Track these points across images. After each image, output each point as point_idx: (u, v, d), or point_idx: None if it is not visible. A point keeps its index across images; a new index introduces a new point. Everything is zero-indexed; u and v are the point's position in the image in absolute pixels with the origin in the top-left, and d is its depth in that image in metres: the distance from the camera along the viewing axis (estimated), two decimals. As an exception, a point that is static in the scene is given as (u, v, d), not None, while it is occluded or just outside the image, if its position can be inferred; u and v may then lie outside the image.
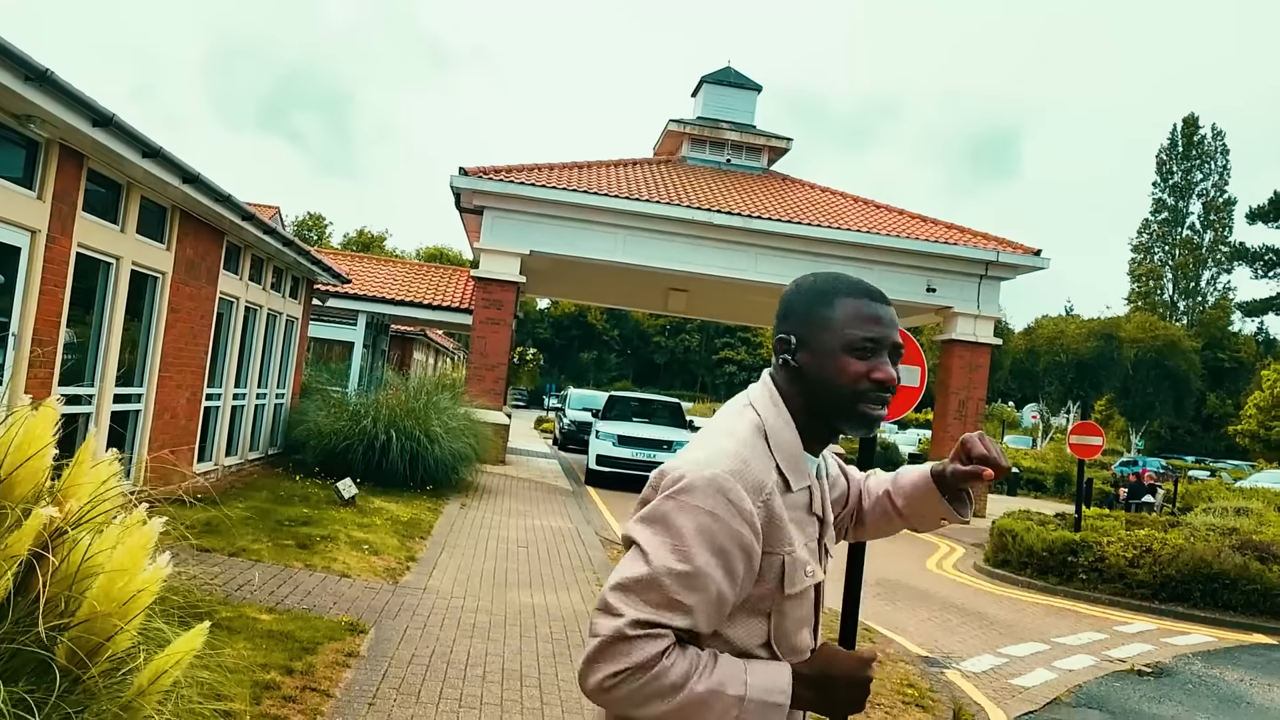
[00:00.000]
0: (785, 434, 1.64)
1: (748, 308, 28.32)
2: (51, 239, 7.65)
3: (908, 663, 7.43)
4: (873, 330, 1.62)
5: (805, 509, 1.64)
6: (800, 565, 1.59)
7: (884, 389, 1.62)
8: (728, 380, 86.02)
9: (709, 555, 1.48)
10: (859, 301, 1.65)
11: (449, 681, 5.60)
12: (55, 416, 2.17)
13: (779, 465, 1.60)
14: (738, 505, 1.51)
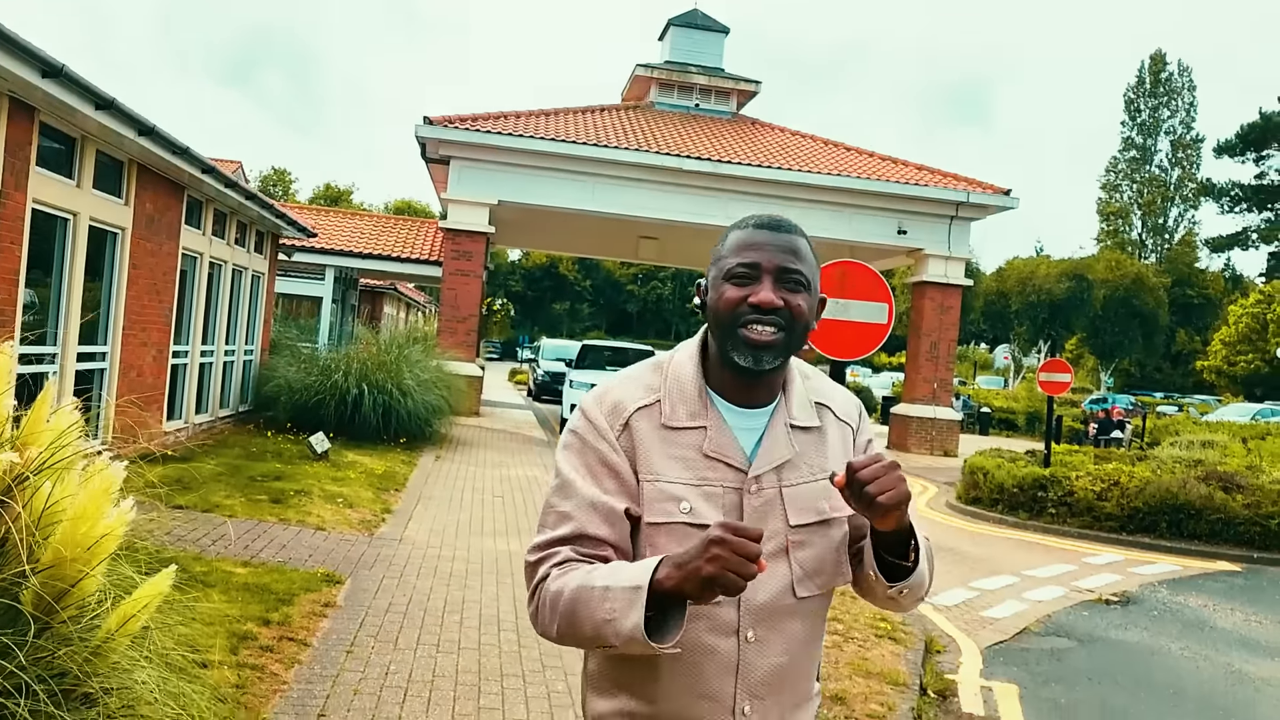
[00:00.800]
0: (683, 369, 1.68)
1: (719, 254, 28.28)
2: (4, 194, 7.47)
3: (881, 598, 7.55)
4: (748, 256, 1.62)
5: (695, 448, 1.62)
6: (667, 496, 1.59)
7: (761, 312, 1.59)
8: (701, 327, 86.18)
9: (574, 466, 1.63)
10: (743, 232, 1.66)
11: (426, 628, 5.64)
12: (7, 364, 2.13)
13: (662, 398, 1.64)
14: (595, 424, 1.63)
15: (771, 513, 1.62)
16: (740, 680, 1.60)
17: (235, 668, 4.58)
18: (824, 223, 20.16)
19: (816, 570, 1.66)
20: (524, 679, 4.96)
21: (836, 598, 7.22)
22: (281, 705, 4.29)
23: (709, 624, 1.58)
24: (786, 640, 1.63)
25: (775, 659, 1.62)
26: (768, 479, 1.64)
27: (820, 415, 1.72)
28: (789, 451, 1.66)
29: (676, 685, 1.60)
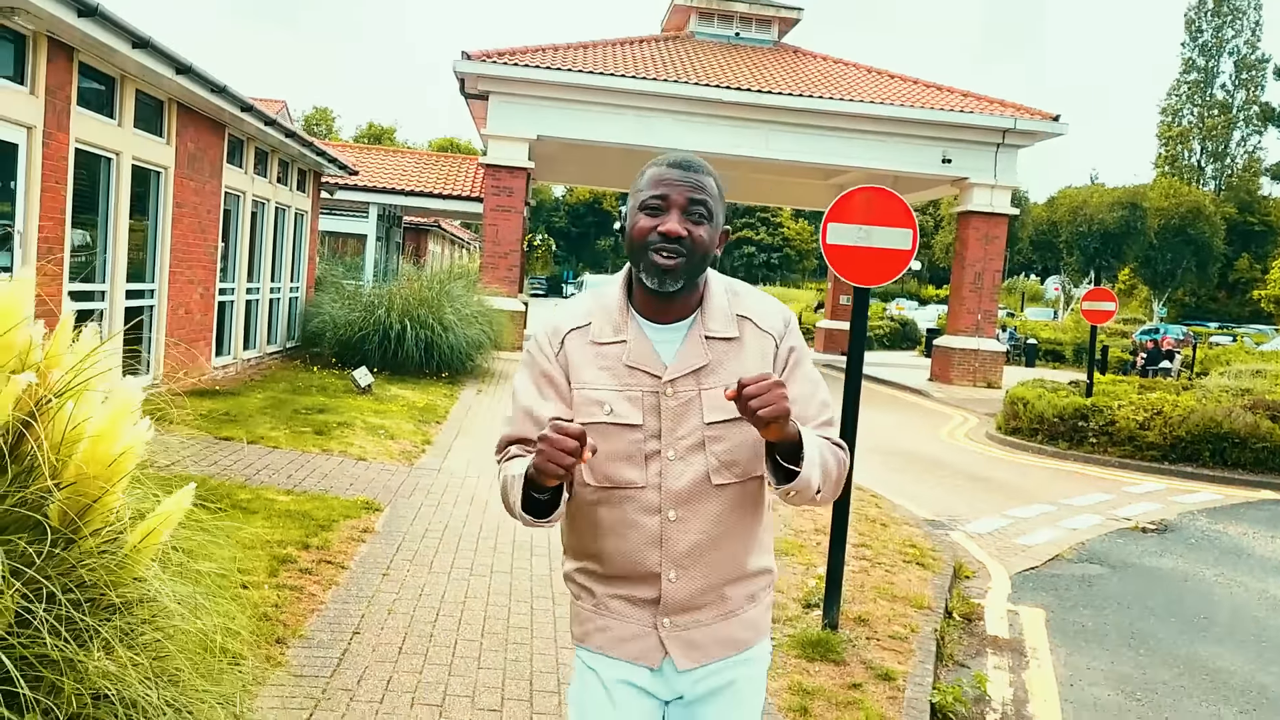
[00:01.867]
0: (610, 294, 1.95)
1: (762, 186, 27.98)
2: (48, 135, 7.63)
3: (912, 525, 7.60)
4: (660, 190, 1.84)
5: (618, 359, 1.88)
6: (593, 400, 1.87)
7: (668, 240, 1.81)
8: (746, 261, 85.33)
9: (522, 378, 1.97)
10: (657, 169, 1.87)
11: (461, 552, 5.80)
12: (30, 289, 2.22)
13: (592, 321, 1.92)
14: (540, 345, 1.95)
15: (690, 411, 1.86)
16: (664, 552, 1.87)
17: (275, 588, 4.77)
18: (867, 152, 19.84)
19: (732, 462, 1.87)
20: (553, 600, 5.11)
21: (866, 525, 7.29)
22: (318, 623, 4.47)
23: (636, 505, 1.86)
24: (705, 520, 1.87)
25: (695, 536, 1.87)
26: (684, 382, 1.86)
27: (740, 327, 1.92)
28: (703, 359, 1.88)
29: (615, 552, 1.90)
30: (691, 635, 1.92)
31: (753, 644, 1.99)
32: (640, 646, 1.92)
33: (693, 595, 1.90)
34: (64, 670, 2.01)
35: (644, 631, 1.92)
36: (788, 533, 6.90)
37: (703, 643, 1.93)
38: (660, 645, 1.92)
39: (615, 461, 1.86)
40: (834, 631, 4.84)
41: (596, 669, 1.95)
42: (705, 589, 1.91)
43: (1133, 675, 5.01)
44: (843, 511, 4.88)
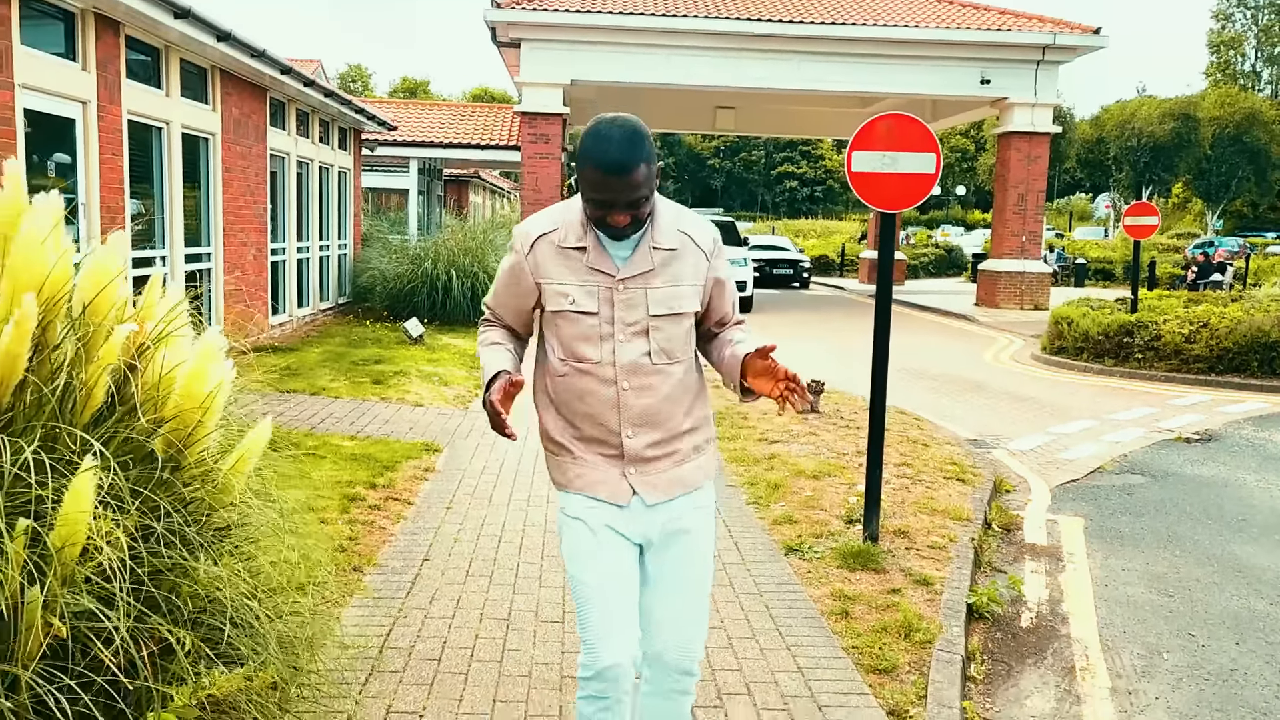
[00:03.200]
0: (572, 211, 2.37)
1: (799, 119, 27.74)
2: (102, 108, 7.95)
3: (953, 445, 7.78)
4: (604, 194, 2.20)
5: (581, 262, 2.33)
6: (558, 293, 2.35)
7: (613, 227, 2.26)
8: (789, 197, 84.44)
9: (502, 269, 2.48)
10: (594, 171, 2.19)
11: (518, 486, 6.12)
12: (125, 249, 2.50)
13: (559, 228, 2.36)
14: (517, 245, 2.41)
15: (638, 304, 2.34)
16: (621, 414, 2.37)
17: (348, 523, 5.12)
18: (902, 78, 19.59)
19: (668, 348, 2.38)
20: (606, 525, 5.40)
21: (908, 445, 7.48)
22: (389, 553, 4.81)
23: (595, 378, 2.36)
24: (651, 391, 2.38)
25: (644, 401, 2.37)
26: (635, 282, 2.34)
27: (680, 241, 2.39)
28: (650, 265, 2.34)
29: (584, 416, 2.40)
30: (651, 479, 2.41)
31: (701, 484, 2.48)
32: (612, 488, 2.40)
33: (646, 447, 2.39)
34: (180, 576, 2.31)
35: (614, 477, 2.40)
36: (829, 455, 7.13)
37: (660, 484, 2.41)
38: (629, 487, 2.39)
39: (577, 341, 2.35)
40: (874, 543, 5.08)
41: (582, 517, 2.41)
42: (656, 443, 2.40)
43: (1167, 574, 5.19)
44: (879, 429, 5.08)
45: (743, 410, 8.76)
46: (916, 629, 4.09)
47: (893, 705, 3.47)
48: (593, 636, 2.37)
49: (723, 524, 5.53)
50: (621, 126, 2.22)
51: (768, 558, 4.98)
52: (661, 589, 2.46)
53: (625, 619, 2.38)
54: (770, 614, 4.25)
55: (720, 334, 2.54)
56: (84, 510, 1.97)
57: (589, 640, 2.38)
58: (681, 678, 2.50)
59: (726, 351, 2.46)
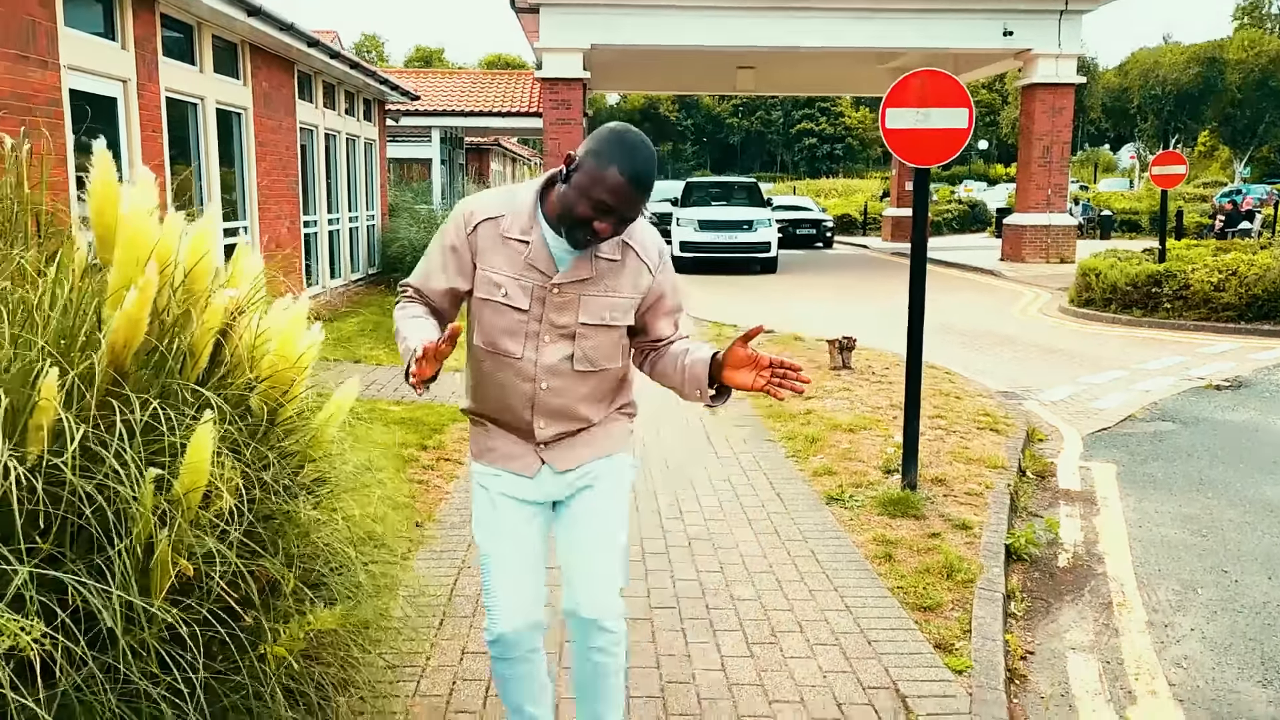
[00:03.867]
0: (525, 199, 2.29)
1: (819, 77, 27.59)
2: (141, 85, 8.12)
3: (985, 397, 7.90)
4: (613, 200, 2.12)
5: (521, 255, 2.27)
6: (491, 282, 2.28)
7: (595, 235, 2.18)
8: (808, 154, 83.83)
9: (437, 245, 2.37)
10: (619, 180, 2.11)
11: (562, 444, 6.31)
12: (217, 223, 2.67)
13: (505, 215, 2.28)
14: (456, 223, 2.32)
15: (569, 309, 2.29)
16: (535, 409, 2.36)
17: (405, 483, 5.33)
18: (923, 32, 19.45)
19: (593, 358, 2.35)
20: (651, 477, 5.59)
21: (941, 398, 7.61)
22: (446, 509, 5.02)
23: (514, 371, 2.33)
24: (568, 393, 2.36)
25: (560, 401, 2.36)
26: (570, 287, 2.28)
27: (624, 252, 2.32)
28: (589, 273, 2.28)
29: (497, 403, 2.41)
30: (562, 451, 2.43)
31: (615, 451, 2.49)
32: (522, 461, 2.42)
33: (557, 434, 2.40)
34: (284, 522, 2.51)
35: (525, 451, 2.42)
36: (864, 409, 7.27)
37: (571, 452, 2.43)
38: (539, 459, 2.42)
39: (501, 334, 2.31)
40: (913, 491, 5.24)
41: (487, 485, 2.46)
42: (569, 432, 2.41)
43: (1199, 515, 5.32)
44: (915, 381, 5.22)
45: (775, 368, 8.91)
46: (958, 570, 4.25)
47: (939, 639, 3.64)
48: (492, 603, 2.44)
49: (763, 475, 5.71)
50: (645, 142, 2.19)
51: (809, 507, 5.15)
52: (571, 545, 2.47)
53: (523, 586, 2.43)
54: (816, 559, 4.42)
55: (668, 347, 2.45)
56: (204, 459, 2.16)
57: (489, 606, 2.45)
58: (598, 634, 2.44)
59: (684, 361, 2.37)
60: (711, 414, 2.32)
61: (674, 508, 5.13)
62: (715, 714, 3.08)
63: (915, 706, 3.14)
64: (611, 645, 2.45)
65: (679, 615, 3.81)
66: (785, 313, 13.24)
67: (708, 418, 7.08)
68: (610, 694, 2.53)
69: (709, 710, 3.10)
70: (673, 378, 2.41)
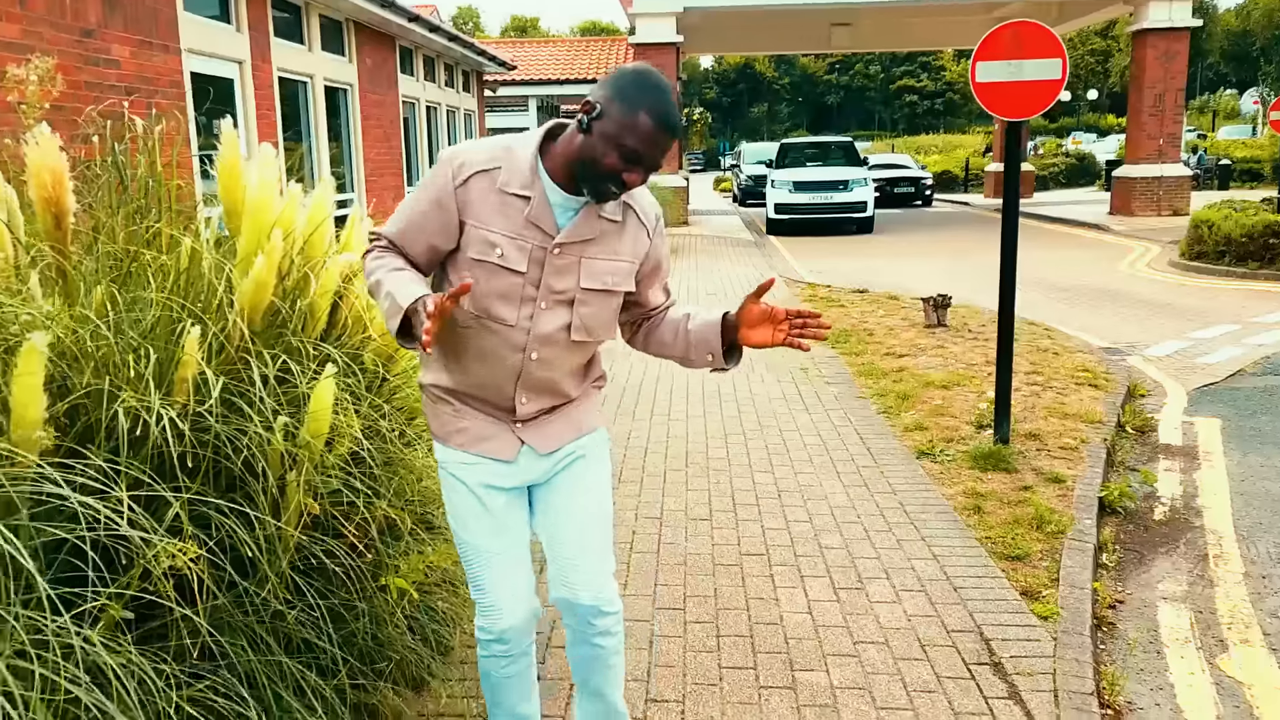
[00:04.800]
0: (523, 152, 2.08)
1: (918, 31, 26.92)
2: (255, 66, 8.52)
3: (1086, 353, 7.77)
4: (645, 148, 1.96)
5: (520, 212, 2.06)
6: (486, 241, 2.05)
7: (624, 186, 2.02)
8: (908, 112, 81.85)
9: (419, 197, 2.12)
10: (651, 124, 1.96)
11: (657, 402, 6.49)
12: (330, 194, 2.90)
13: (501, 168, 2.07)
14: (444, 173, 2.07)
15: (569, 272, 2.11)
16: (520, 382, 2.17)
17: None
18: (1028, -20, 18.81)
19: (592, 326, 2.17)
20: (744, 436, 5.73)
21: (1038, 355, 7.53)
22: (547, 463, 5.25)
23: (503, 340, 2.11)
24: (558, 364, 2.18)
25: (546, 374, 2.18)
26: (571, 248, 2.09)
27: (624, 213, 2.16)
28: (593, 233, 2.11)
29: (475, 375, 2.17)
30: (543, 430, 2.24)
31: (594, 428, 2.34)
32: (498, 443, 2.21)
33: (539, 410, 2.23)
34: (399, 467, 2.74)
35: (500, 431, 2.21)
36: (958, 366, 7.26)
37: (551, 431, 2.25)
38: (517, 440, 2.22)
39: (493, 298, 2.07)
40: (1005, 445, 5.26)
41: (462, 478, 2.22)
42: (549, 407, 2.25)
43: (1307, 469, 5.21)
44: (1007, 333, 5.22)
45: (868, 325, 8.91)
46: (1048, 521, 4.29)
47: (1025, 586, 3.71)
48: (489, 599, 2.27)
49: (853, 430, 5.79)
50: (668, 82, 2.04)
51: (900, 461, 5.23)
52: (561, 527, 2.30)
53: (518, 576, 2.28)
54: (905, 510, 4.51)
55: (661, 317, 2.34)
56: (327, 407, 2.38)
57: (485, 603, 2.28)
58: (599, 618, 2.30)
59: (686, 326, 2.28)
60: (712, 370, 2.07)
61: (764, 460, 5.26)
62: (801, 652, 3.23)
63: (999, 649, 3.23)
64: (614, 626, 2.34)
65: (768, 561, 3.97)
66: (881, 272, 13.13)
67: (799, 375, 7.16)
68: (614, 674, 2.42)
69: (795, 649, 3.25)
70: (673, 346, 2.30)
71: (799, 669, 3.13)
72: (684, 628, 3.41)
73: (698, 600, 3.63)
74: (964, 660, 3.17)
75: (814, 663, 3.16)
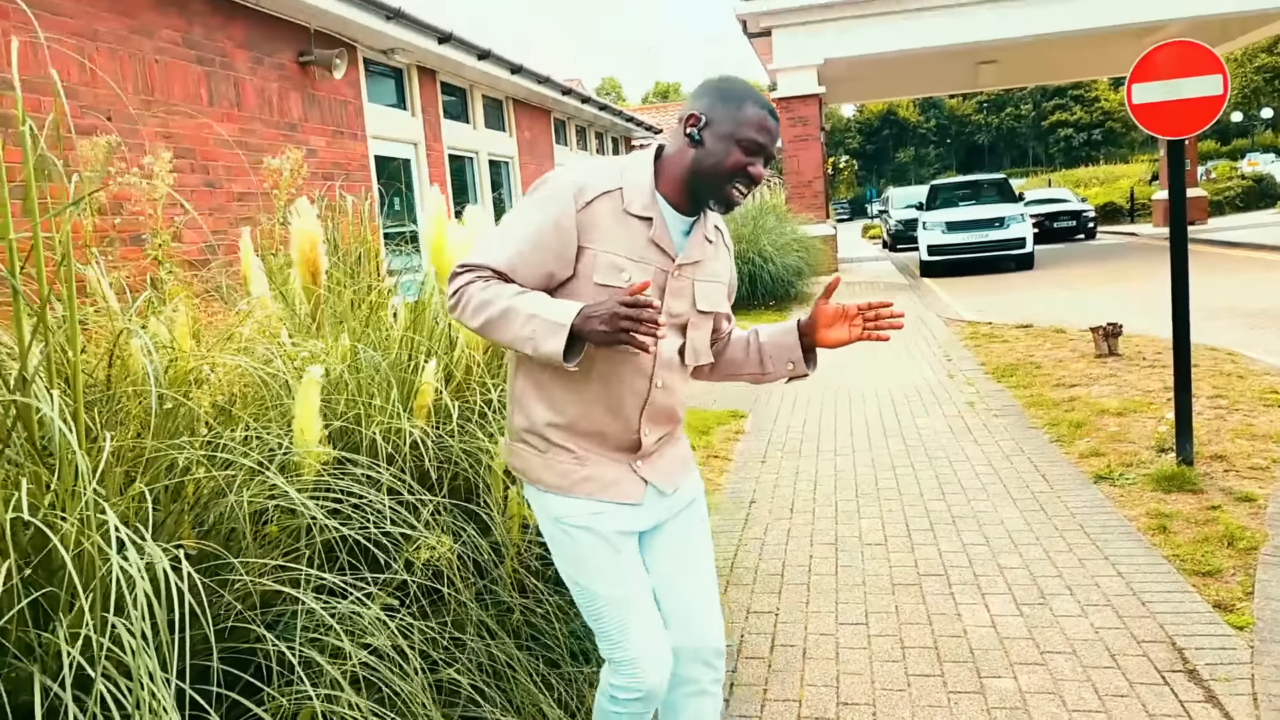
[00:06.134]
0: (640, 174, 2.06)
1: (1068, 62, 26.29)
2: (428, 146, 9.25)
3: (1274, 375, 7.44)
4: (763, 137, 2.02)
5: (643, 234, 2.03)
6: (612, 265, 1.99)
7: (752, 182, 2.04)
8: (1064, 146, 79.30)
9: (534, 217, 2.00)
10: (758, 112, 2.02)
11: (822, 439, 6.62)
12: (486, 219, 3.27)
13: (623, 189, 2.03)
14: (564, 193, 1.99)
15: (684, 295, 2.11)
16: (646, 412, 2.11)
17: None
18: (1183, 1, 18.20)
19: (699, 349, 2.21)
20: (912, 467, 5.79)
21: (1221, 379, 7.30)
22: (720, 499, 5.46)
23: (633, 368, 2.07)
24: (675, 391, 2.17)
25: (667, 402, 2.15)
26: (687, 270, 2.10)
27: (717, 236, 2.21)
28: (702, 255, 2.13)
29: (598, 408, 2.08)
30: (660, 467, 2.19)
31: (693, 466, 2.33)
32: (626, 486, 2.13)
33: (656, 443, 2.18)
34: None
35: (624, 473, 2.13)
36: (1134, 393, 7.09)
37: (667, 467, 2.20)
38: (640, 479, 2.14)
39: None
40: (1189, 467, 5.14)
41: (590, 526, 2.10)
42: (663, 437, 2.20)
43: None
44: (1184, 346, 5.13)
45: (1034, 359, 8.78)
46: (1239, 538, 4.20)
47: (1218, 600, 3.66)
48: (632, 654, 2.13)
49: (1026, 459, 5.76)
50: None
51: (1077, 486, 5.18)
52: (683, 572, 2.24)
53: (659, 630, 2.17)
54: (1085, 532, 4.49)
55: (728, 339, 2.37)
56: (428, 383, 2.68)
57: (627, 659, 2.13)
58: (709, 671, 2.26)
59: (757, 341, 2.33)
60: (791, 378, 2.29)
61: (936, 489, 5.31)
62: (988, 661, 3.30)
63: (1192, 658, 3.22)
64: (717, 683, 2.29)
65: (947, 581, 4.04)
66: (1044, 307, 12.85)
67: (965, 409, 7.15)
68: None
69: (981, 659, 3.33)
70: (746, 363, 2.34)
71: (986, 676, 3.21)
72: (868, 640, 3.54)
73: (880, 616, 3.75)
74: (1156, 668, 3.18)
75: (1001, 670, 3.24)
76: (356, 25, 7.58)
